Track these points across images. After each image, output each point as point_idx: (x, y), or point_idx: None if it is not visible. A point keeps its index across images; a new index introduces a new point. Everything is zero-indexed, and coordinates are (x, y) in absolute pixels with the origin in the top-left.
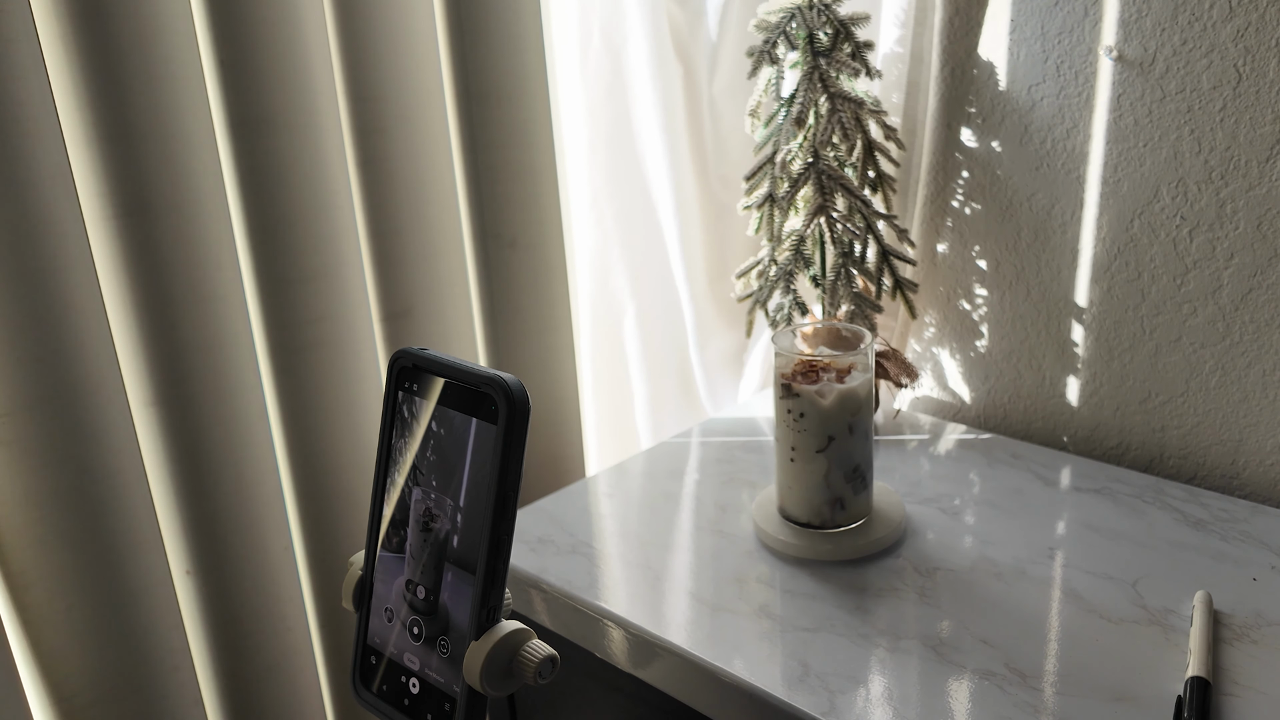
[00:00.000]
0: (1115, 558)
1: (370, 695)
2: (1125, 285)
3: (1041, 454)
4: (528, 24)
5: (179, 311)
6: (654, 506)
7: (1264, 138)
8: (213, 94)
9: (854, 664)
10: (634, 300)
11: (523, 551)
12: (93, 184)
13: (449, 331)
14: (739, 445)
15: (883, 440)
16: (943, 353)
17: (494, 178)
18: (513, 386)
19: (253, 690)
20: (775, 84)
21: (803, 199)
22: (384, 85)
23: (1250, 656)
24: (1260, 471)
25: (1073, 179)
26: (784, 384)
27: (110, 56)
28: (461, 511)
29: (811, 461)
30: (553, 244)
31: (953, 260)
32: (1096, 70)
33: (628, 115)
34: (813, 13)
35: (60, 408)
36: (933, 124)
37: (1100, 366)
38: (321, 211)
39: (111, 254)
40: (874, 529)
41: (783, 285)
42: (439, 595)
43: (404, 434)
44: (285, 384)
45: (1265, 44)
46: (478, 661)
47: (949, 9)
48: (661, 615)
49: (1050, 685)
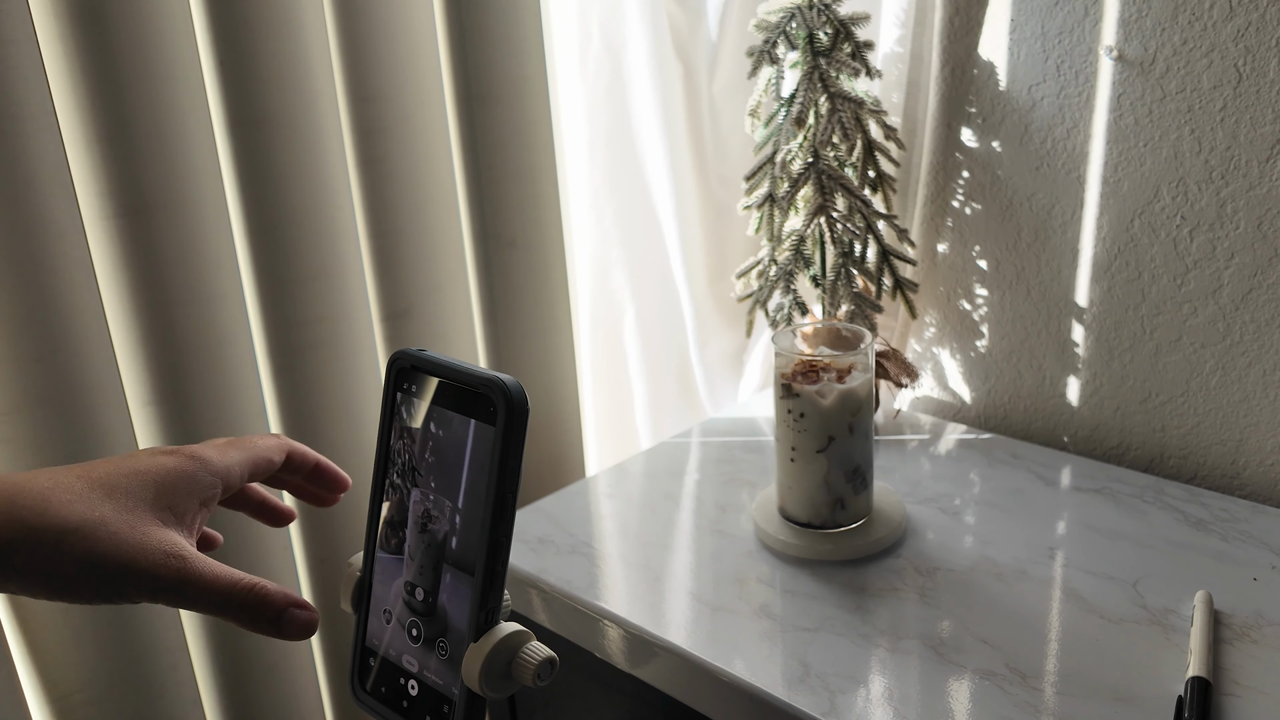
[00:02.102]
0: (1116, 558)
1: (368, 697)
2: (1125, 285)
3: (1042, 454)
4: (528, 24)
5: (178, 311)
6: (654, 506)
7: (1264, 137)
8: (212, 94)
9: (854, 664)
10: (634, 300)
11: (523, 551)
12: (92, 184)
13: (449, 332)
14: (739, 445)
15: (883, 440)
16: (943, 353)
17: (494, 178)
18: (511, 388)
19: (251, 690)
20: (775, 84)
21: (803, 199)
22: (384, 85)
23: (1251, 656)
24: (1260, 471)
25: (1073, 179)
26: (784, 384)
27: (110, 56)
28: (460, 513)
29: (812, 461)
30: (553, 244)
31: (953, 260)
32: (1097, 70)
33: (627, 115)
34: (813, 13)
35: (59, 407)
36: (933, 124)
37: (1100, 366)
38: (321, 211)
39: (111, 254)
40: (874, 529)
41: (783, 285)
42: (437, 597)
43: (403, 435)
44: (285, 384)
45: (1265, 44)
46: (476, 663)
47: (949, 9)
48: (661, 615)
49: (1051, 685)
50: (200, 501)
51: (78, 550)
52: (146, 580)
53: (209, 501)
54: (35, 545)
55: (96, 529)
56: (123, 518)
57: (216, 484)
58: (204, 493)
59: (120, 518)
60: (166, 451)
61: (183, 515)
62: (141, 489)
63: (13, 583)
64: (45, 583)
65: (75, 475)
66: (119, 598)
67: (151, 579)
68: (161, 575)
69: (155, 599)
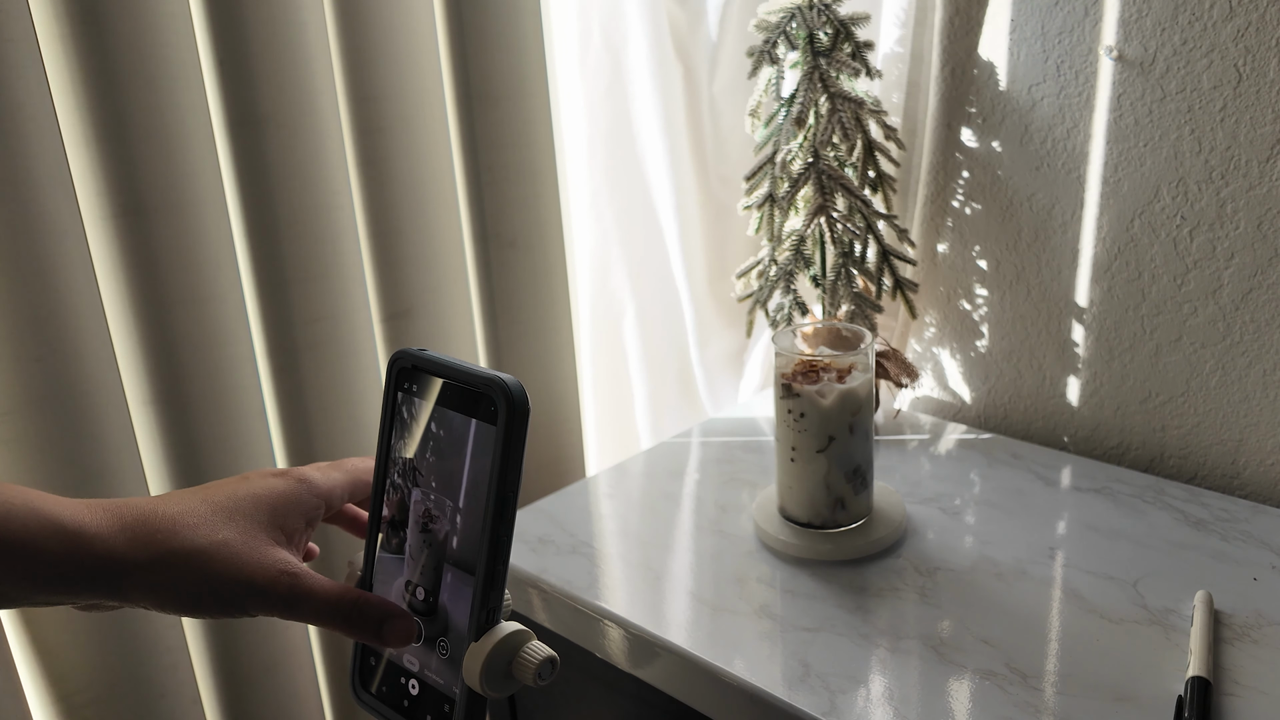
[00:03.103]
0: (1116, 558)
1: (369, 696)
2: (1125, 285)
3: (1042, 454)
4: (528, 24)
5: (178, 311)
6: (654, 506)
7: (1264, 137)
8: (212, 94)
9: (854, 664)
10: (634, 300)
11: (523, 551)
12: (92, 184)
13: (449, 331)
14: (739, 445)
15: (883, 440)
16: (943, 353)
17: (494, 178)
18: (512, 387)
19: (251, 689)
20: (775, 84)
21: (803, 199)
22: (384, 85)
23: (1251, 656)
24: (1260, 471)
25: (1073, 179)
26: (784, 384)
27: (109, 56)
28: (461, 512)
29: (812, 461)
30: (553, 244)
31: (953, 260)
32: (1097, 70)
33: (628, 115)
34: (813, 13)
35: (59, 407)
36: (933, 124)
37: (1100, 366)
38: (321, 211)
39: (110, 254)
40: (874, 529)
41: (783, 285)
42: (438, 596)
43: (403, 435)
44: (285, 384)
45: (1265, 44)
46: (477, 663)
47: (949, 9)
48: (662, 615)
49: (1051, 685)
50: (306, 521)
51: (205, 571)
52: (264, 596)
53: (314, 521)
54: (167, 567)
55: (221, 550)
56: (243, 539)
57: (320, 505)
58: (310, 513)
59: (240, 539)
60: (276, 474)
61: (292, 534)
62: (257, 512)
63: (145, 599)
64: (174, 599)
65: (199, 499)
66: (238, 611)
67: (269, 595)
68: (278, 591)
69: (271, 612)
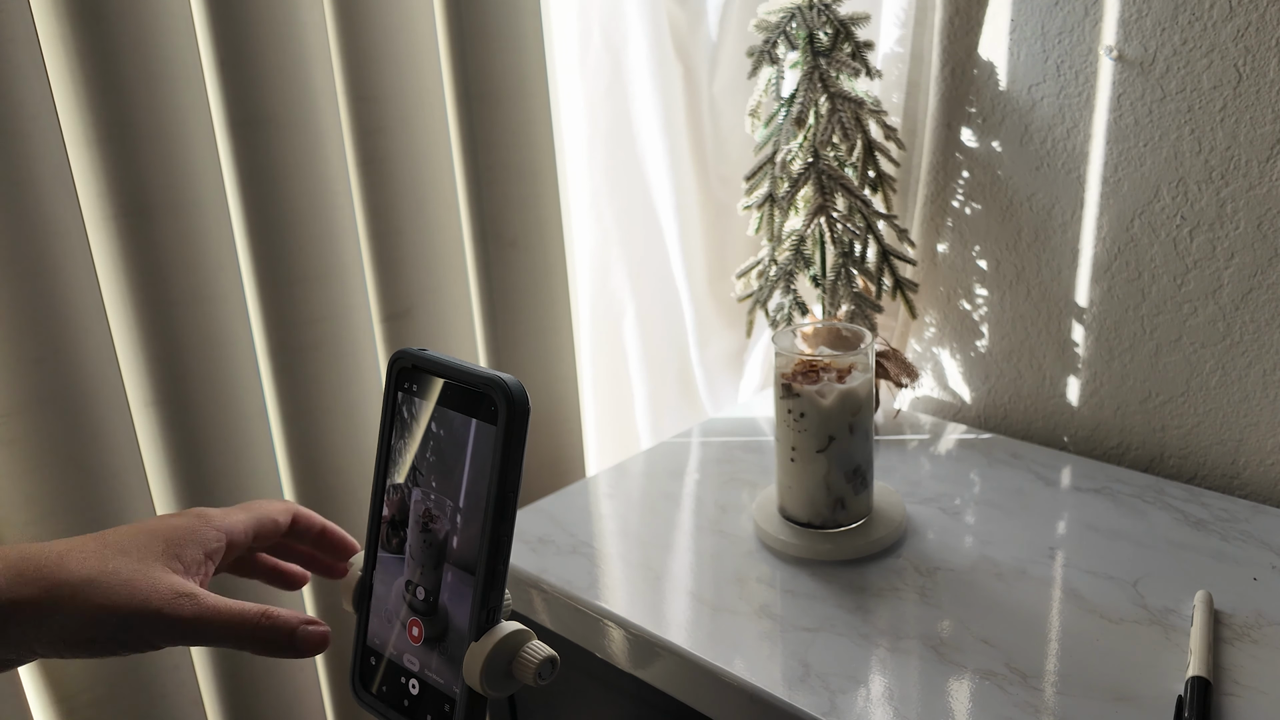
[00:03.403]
0: (1116, 558)
1: (370, 696)
2: (1125, 285)
3: (1042, 454)
4: (528, 24)
5: (179, 312)
6: (654, 506)
7: (1264, 137)
8: (212, 94)
9: (854, 664)
10: (634, 300)
11: (523, 551)
12: (93, 184)
13: (449, 332)
14: (739, 445)
15: (883, 440)
16: (943, 353)
17: (494, 178)
18: (512, 387)
19: (252, 690)
20: (775, 84)
21: (803, 199)
22: (384, 85)
23: (1251, 656)
24: (1260, 471)
25: (1073, 179)
26: (784, 384)
27: (110, 57)
28: (461, 512)
29: (812, 461)
30: (553, 244)
31: (953, 260)
32: (1097, 70)
33: (628, 115)
34: (813, 13)
35: (60, 408)
36: (933, 124)
37: (1100, 366)
38: (321, 211)
39: (111, 254)
40: (874, 529)
41: (783, 285)
42: (439, 596)
43: (404, 435)
44: (285, 384)
45: (1265, 44)
46: (477, 662)
47: (949, 9)
48: (662, 615)
49: (1051, 685)
50: (205, 553)
51: (95, 601)
52: (162, 621)
53: (214, 554)
54: (55, 602)
55: (111, 578)
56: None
57: (221, 537)
58: (209, 545)
59: (132, 567)
60: (173, 514)
61: (190, 565)
62: (151, 543)
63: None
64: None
65: (88, 538)
66: (140, 644)
67: (167, 619)
68: (176, 614)
69: (173, 640)
